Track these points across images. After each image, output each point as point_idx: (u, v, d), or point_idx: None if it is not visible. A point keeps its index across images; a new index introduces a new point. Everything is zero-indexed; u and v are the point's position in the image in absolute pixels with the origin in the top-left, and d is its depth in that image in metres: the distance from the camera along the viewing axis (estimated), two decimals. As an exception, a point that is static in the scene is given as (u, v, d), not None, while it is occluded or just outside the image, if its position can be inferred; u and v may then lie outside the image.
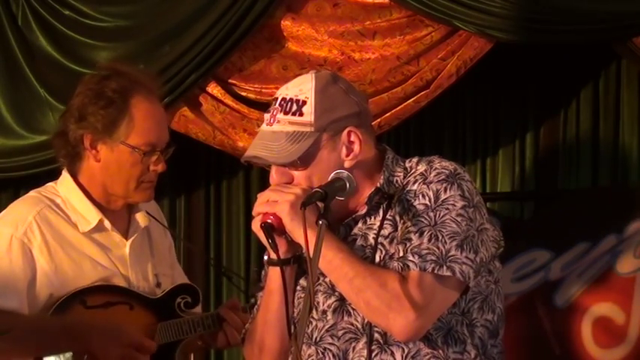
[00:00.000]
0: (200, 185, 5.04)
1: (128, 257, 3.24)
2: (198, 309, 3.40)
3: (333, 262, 2.40)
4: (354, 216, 2.51)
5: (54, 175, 4.96)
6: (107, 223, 3.21)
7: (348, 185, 2.45)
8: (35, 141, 4.86)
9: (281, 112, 2.47)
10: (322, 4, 4.65)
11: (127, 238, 3.25)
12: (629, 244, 4.33)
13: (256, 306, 2.65)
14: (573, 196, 4.63)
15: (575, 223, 4.42)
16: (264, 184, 4.94)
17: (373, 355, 2.44)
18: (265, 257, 2.54)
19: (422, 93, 4.50)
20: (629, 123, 4.59)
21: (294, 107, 2.45)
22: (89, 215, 3.20)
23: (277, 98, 2.49)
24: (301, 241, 2.38)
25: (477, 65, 4.47)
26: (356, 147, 2.48)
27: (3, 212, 3.25)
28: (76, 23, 4.87)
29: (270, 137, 2.46)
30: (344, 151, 2.47)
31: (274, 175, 2.49)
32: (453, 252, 2.38)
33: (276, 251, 2.43)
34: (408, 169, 2.51)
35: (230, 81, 4.73)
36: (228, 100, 4.71)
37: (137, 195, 3.20)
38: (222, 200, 5.02)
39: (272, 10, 4.63)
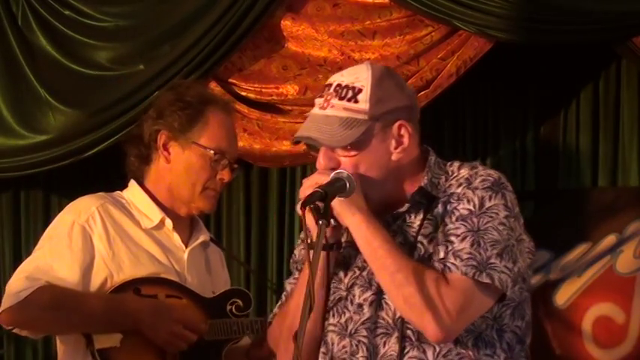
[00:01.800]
0: (200, 185, 5.04)
1: (186, 262, 3.30)
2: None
3: (378, 252, 2.41)
4: (393, 213, 2.52)
5: (54, 175, 5.01)
6: (169, 223, 3.28)
7: (348, 185, 2.45)
8: (35, 141, 4.87)
9: (336, 97, 2.47)
10: (322, 4, 4.65)
11: (186, 246, 3.31)
12: (629, 244, 4.34)
13: (285, 292, 2.64)
14: (573, 196, 4.63)
15: (575, 223, 4.42)
16: (265, 184, 4.99)
17: (405, 351, 2.44)
18: (300, 240, 2.59)
19: (422, 93, 4.49)
20: (629, 123, 4.59)
21: (350, 94, 2.47)
22: (152, 214, 3.28)
23: (331, 84, 2.50)
24: (348, 224, 2.42)
25: (476, 65, 4.47)
26: (405, 140, 2.49)
27: (68, 205, 3.33)
28: (76, 23, 4.88)
29: (324, 120, 2.47)
30: (393, 143, 2.49)
31: (322, 160, 2.49)
32: (492, 260, 2.40)
33: (321, 234, 2.41)
34: (450, 173, 2.53)
35: (230, 81, 4.73)
36: (228, 100, 4.72)
37: (201, 201, 3.27)
38: (222, 200, 5.02)
39: (272, 10, 4.63)
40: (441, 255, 2.42)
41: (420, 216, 2.49)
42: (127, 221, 3.25)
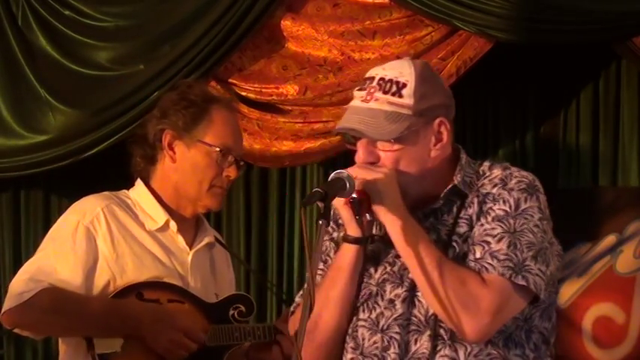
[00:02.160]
0: (200, 185, 5.04)
1: (190, 265, 3.28)
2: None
3: (415, 250, 2.41)
4: (425, 209, 2.51)
5: (54, 175, 5.01)
6: (173, 225, 3.26)
7: (348, 185, 2.45)
8: (35, 141, 4.87)
9: (379, 90, 2.47)
10: (322, 4, 4.65)
11: (190, 248, 3.30)
12: (629, 244, 4.34)
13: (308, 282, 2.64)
14: (573, 196, 4.63)
15: (575, 223, 4.42)
16: (265, 184, 4.98)
17: (436, 349, 2.44)
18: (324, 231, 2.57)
19: (422, 93, 4.49)
20: (629, 123, 4.59)
21: (394, 88, 2.46)
22: (157, 215, 3.26)
23: (373, 77, 2.49)
24: (385, 220, 2.42)
25: (476, 65, 4.47)
26: (444, 138, 2.49)
27: (73, 205, 3.31)
28: (76, 23, 4.88)
29: (368, 113, 2.46)
30: (432, 140, 2.49)
31: (361, 154, 2.48)
32: (528, 262, 2.41)
33: (363, 228, 2.43)
34: (481, 173, 2.54)
35: (230, 81, 4.73)
36: (228, 100, 4.72)
37: (207, 199, 3.26)
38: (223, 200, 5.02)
39: (272, 10, 4.63)
40: (477, 255, 2.42)
41: (453, 214, 2.49)
42: (132, 222, 3.24)
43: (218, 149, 3.21)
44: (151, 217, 3.26)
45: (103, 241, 3.18)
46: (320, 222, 2.35)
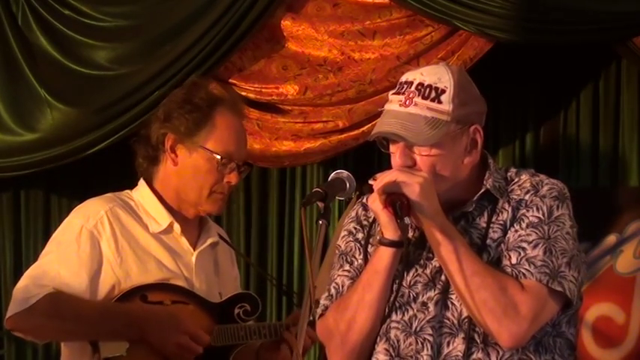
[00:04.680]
0: (200, 185, 5.04)
1: (194, 266, 3.28)
2: None
3: (453, 255, 2.43)
4: (456, 213, 2.53)
5: (54, 175, 5.00)
6: (177, 227, 3.26)
7: (348, 185, 2.45)
8: (35, 140, 4.86)
9: (419, 96, 2.49)
10: (322, 4, 4.65)
11: (194, 248, 3.30)
12: (629, 244, 4.34)
13: (335, 285, 2.62)
14: (573, 196, 4.62)
15: (574, 223, 4.41)
16: (265, 184, 4.98)
17: (470, 352, 2.46)
18: (346, 232, 2.59)
19: (422, 93, 4.49)
20: (629, 123, 4.58)
21: (433, 94, 2.48)
22: (160, 218, 3.26)
23: (411, 82, 2.51)
24: (425, 223, 2.44)
25: (476, 65, 4.47)
26: (479, 145, 2.53)
27: (76, 207, 3.31)
28: (76, 23, 4.88)
29: (408, 118, 2.48)
30: (467, 146, 2.52)
31: (398, 159, 2.50)
32: (562, 268, 2.44)
33: (404, 231, 2.44)
34: (509, 178, 2.57)
35: (230, 81, 4.73)
36: (228, 100, 4.71)
37: (208, 204, 3.26)
38: (222, 200, 5.03)
39: (272, 10, 4.63)
40: (514, 261, 2.45)
41: (485, 218, 2.52)
42: (136, 225, 3.24)
43: (219, 156, 3.21)
44: (154, 219, 3.26)
45: (107, 245, 3.18)
46: (320, 222, 2.36)
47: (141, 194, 3.30)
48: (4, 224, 5.16)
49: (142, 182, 3.33)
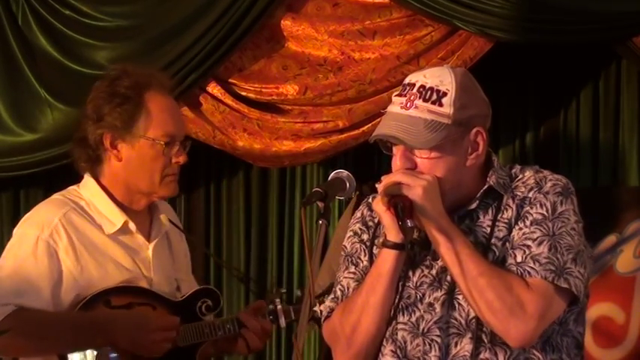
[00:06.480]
0: (200, 185, 5.04)
1: (152, 260, 3.26)
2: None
3: (458, 256, 2.43)
4: (460, 212, 2.53)
5: (54, 175, 5.00)
6: (132, 225, 3.23)
7: (347, 185, 2.45)
8: (35, 140, 4.86)
9: (419, 98, 2.48)
10: (322, 3, 4.65)
11: (149, 241, 3.27)
12: (629, 244, 4.33)
13: (341, 287, 2.62)
14: (573, 196, 4.62)
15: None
16: (265, 184, 4.98)
17: (477, 352, 2.46)
18: (352, 232, 2.58)
19: (422, 93, 4.49)
20: (629, 123, 4.58)
21: (434, 97, 2.48)
22: (114, 217, 3.22)
23: (413, 84, 2.51)
24: (428, 227, 2.44)
25: (476, 65, 4.47)
26: (480, 148, 2.52)
27: (27, 214, 3.26)
28: (76, 23, 4.88)
29: (408, 121, 2.47)
30: (469, 149, 2.51)
31: (398, 161, 2.50)
32: (568, 265, 2.44)
33: (406, 233, 2.44)
34: (513, 175, 2.57)
35: (230, 81, 4.73)
36: (228, 100, 4.72)
37: (162, 189, 3.23)
38: (222, 200, 5.02)
39: (272, 10, 4.63)
40: (519, 259, 2.44)
41: (489, 216, 2.52)
42: (91, 228, 3.19)
43: (162, 142, 3.17)
44: (108, 219, 3.21)
45: (66, 254, 3.13)
46: (320, 222, 2.36)
47: (91, 192, 3.24)
48: (4, 224, 5.16)
49: (88, 178, 3.26)
